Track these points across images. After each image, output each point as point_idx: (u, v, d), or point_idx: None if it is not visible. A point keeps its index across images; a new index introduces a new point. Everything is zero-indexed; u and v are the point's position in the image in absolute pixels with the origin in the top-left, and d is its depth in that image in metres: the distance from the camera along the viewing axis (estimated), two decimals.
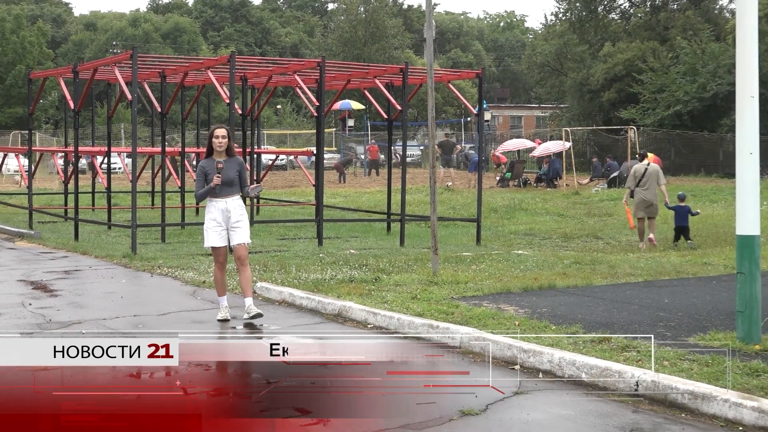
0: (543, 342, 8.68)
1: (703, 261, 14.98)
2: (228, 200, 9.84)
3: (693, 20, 56.61)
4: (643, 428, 6.61)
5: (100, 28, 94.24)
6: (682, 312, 10.35)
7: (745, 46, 8.77)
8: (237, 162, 10.01)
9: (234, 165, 9.91)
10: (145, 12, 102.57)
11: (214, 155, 9.89)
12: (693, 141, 48.73)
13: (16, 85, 64.89)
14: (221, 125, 10.36)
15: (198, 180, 9.95)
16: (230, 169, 9.82)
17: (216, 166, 9.70)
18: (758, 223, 8.77)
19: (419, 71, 21.48)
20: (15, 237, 19.97)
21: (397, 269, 13.56)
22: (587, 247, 18.27)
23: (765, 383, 7.22)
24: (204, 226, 9.99)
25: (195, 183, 10.20)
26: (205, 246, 10.10)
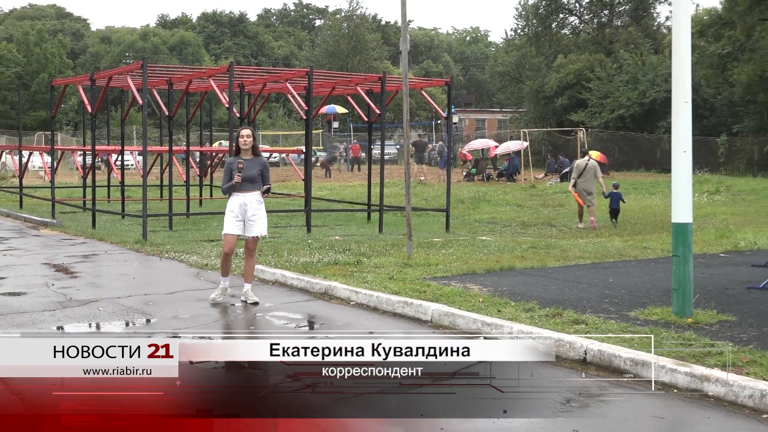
0: (504, 316, 8.72)
1: (643, 245, 15.07)
2: (247, 195, 9.71)
3: (634, 35, 56.83)
4: (591, 391, 6.65)
5: (115, 41, 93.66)
6: (625, 290, 10.41)
7: (679, 57, 8.83)
8: (260, 162, 9.87)
9: (257, 164, 9.78)
10: (154, 27, 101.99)
11: (241, 153, 9.78)
12: (634, 141, 48.97)
13: (39, 92, 64.47)
14: (247, 126, 10.33)
15: (225, 175, 9.87)
16: (252, 167, 9.69)
17: (237, 165, 9.63)
18: (691, 213, 8.85)
19: (395, 79, 21.46)
20: (39, 225, 19.89)
21: (376, 253, 13.57)
22: (542, 233, 18.34)
23: (696, 351, 7.27)
24: (225, 215, 9.89)
25: (222, 176, 10.13)
26: (223, 233, 10.00)
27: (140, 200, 17.32)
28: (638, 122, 50.06)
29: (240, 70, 21.23)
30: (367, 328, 8.87)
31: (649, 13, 61.14)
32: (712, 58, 48.08)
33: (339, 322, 9.18)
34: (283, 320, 9.30)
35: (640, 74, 50.76)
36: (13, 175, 32.82)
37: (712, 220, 20.70)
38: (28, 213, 22.20)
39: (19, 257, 14.33)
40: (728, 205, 25.67)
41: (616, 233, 18.04)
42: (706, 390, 6.51)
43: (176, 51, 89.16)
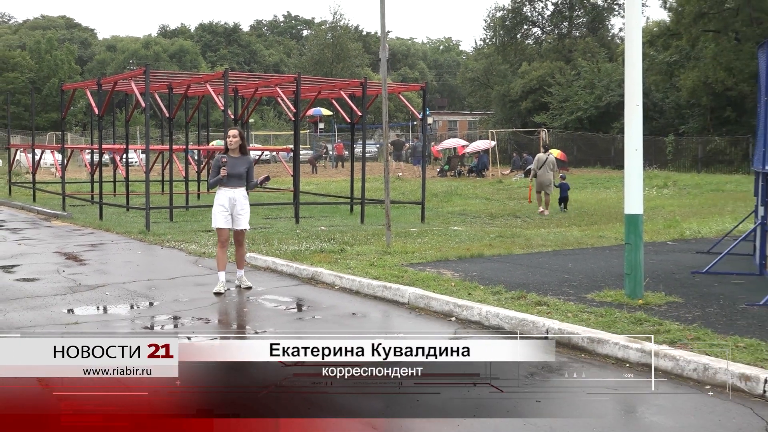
0: (473, 299, 8.74)
1: (599, 234, 15.13)
2: (235, 190, 9.64)
3: (591, 45, 57.09)
4: (551, 366, 6.68)
5: (119, 49, 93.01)
6: (583, 274, 10.46)
7: (631, 65, 8.86)
8: (247, 160, 9.80)
9: (244, 162, 9.71)
10: (156, 36, 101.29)
11: (229, 152, 9.70)
12: (591, 140, 49.20)
13: (51, 95, 64.07)
14: (235, 127, 10.24)
15: (213, 171, 9.77)
16: (239, 165, 9.61)
17: (222, 161, 9.55)
18: (641, 205, 8.89)
19: (375, 85, 21.45)
20: (51, 217, 19.78)
21: (358, 242, 13.57)
22: (508, 224, 18.38)
23: (646, 329, 7.33)
24: (213, 209, 9.81)
25: (210, 172, 10.04)
26: (213, 226, 9.92)
27: (143, 194, 17.22)
28: (594, 123, 50.35)
29: (234, 75, 21.15)
30: (350, 310, 8.87)
31: (604, 24, 61.39)
32: (660, 66, 48.36)
33: (325, 304, 9.17)
34: (274, 303, 9.29)
35: (596, 80, 51.08)
36: (27, 172, 32.65)
37: (661, 211, 20.82)
38: (41, 206, 22.06)
39: (32, 246, 14.24)
40: (675, 198, 25.83)
41: (574, 223, 18.10)
42: (656, 364, 6.55)
43: (176, 58, 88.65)
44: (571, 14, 60.36)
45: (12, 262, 12.31)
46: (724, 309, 8.34)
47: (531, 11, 61.58)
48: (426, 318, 8.43)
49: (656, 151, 45.51)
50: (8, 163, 31.87)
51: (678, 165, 44.92)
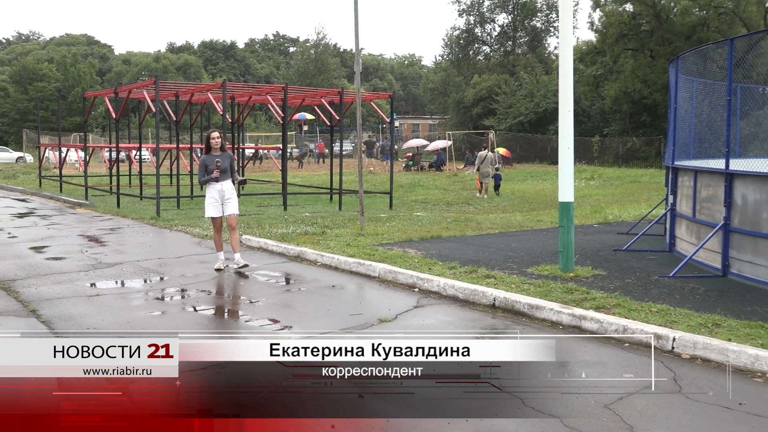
0: (433, 273, 8.77)
1: (538, 219, 15.23)
2: (223, 183, 9.56)
3: (531, 61, 57.21)
4: (497, 327, 6.73)
5: (133, 62, 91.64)
6: (524, 252, 10.52)
7: (564, 77, 8.89)
8: (228, 156, 9.71)
9: (226, 158, 9.63)
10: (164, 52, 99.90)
11: (212, 151, 9.61)
12: (531, 140, 49.40)
13: (75, 102, 63.01)
14: (215, 129, 10.11)
15: (200, 169, 9.62)
16: (224, 160, 9.54)
17: (215, 163, 9.42)
18: (572, 194, 8.95)
19: (351, 93, 21.32)
20: (75, 205, 19.52)
21: (337, 226, 13.54)
22: (462, 210, 18.43)
23: (576, 297, 7.39)
24: (205, 201, 9.72)
25: (198, 170, 9.94)
26: (205, 216, 9.79)
27: (154, 186, 17.05)
28: (534, 126, 50.55)
29: (231, 85, 20.91)
30: (330, 282, 8.86)
31: (542, 43, 61.41)
32: (588, 78, 48.63)
33: (308, 278, 9.15)
34: (265, 277, 9.25)
35: (535, 90, 51.23)
36: (54, 167, 32.19)
37: (588, 199, 20.99)
38: (67, 196, 21.76)
39: (59, 230, 14.04)
40: (600, 189, 26.04)
41: (517, 209, 18.19)
42: (584, 327, 6.62)
43: (181, 71, 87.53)
44: (514, 35, 60.39)
45: (42, 243, 12.14)
46: (641, 280, 8.44)
47: (481, 32, 61.50)
48: (393, 289, 8.45)
49: (585, 150, 45.85)
50: (38, 159, 31.40)
51: (602, 161, 45.29)
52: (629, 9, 46.36)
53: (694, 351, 5.82)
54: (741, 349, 5.61)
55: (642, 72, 44.43)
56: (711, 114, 10.62)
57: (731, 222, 8.74)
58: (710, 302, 7.28)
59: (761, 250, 8.21)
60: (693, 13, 44.88)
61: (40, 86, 66.87)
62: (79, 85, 66.50)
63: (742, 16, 43.99)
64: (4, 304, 7.60)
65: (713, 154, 10.24)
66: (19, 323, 6.80)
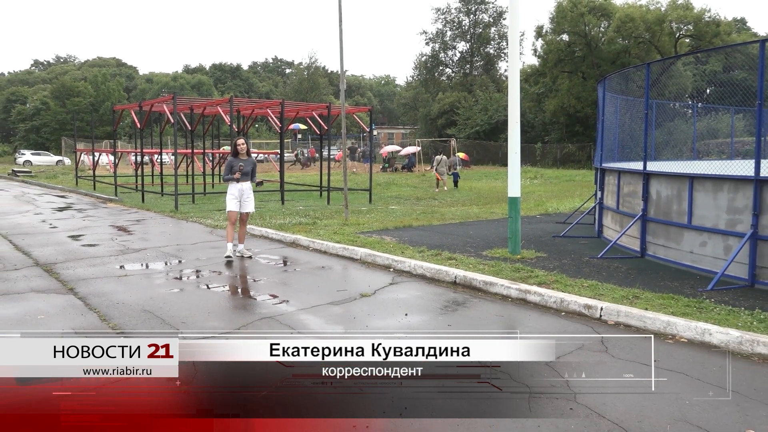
0: (405, 256, 8.77)
1: (491, 211, 15.28)
2: (243, 184, 9.36)
3: (486, 81, 57.32)
4: (458, 301, 6.75)
5: (155, 81, 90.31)
6: (480, 238, 10.55)
7: (513, 95, 8.92)
8: (251, 161, 9.48)
9: (249, 163, 9.41)
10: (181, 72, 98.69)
11: (239, 155, 9.37)
12: (485, 146, 49.58)
13: (105, 114, 62.04)
14: (242, 136, 9.88)
15: (226, 169, 9.41)
16: (247, 165, 9.33)
17: (239, 166, 9.22)
18: (519, 190, 8.99)
19: (337, 107, 21.25)
20: (107, 201, 19.25)
21: (326, 217, 13.50)
22: (429, 204, 18.44)
23: (523, 275, 7.43)
24: (226, 197, 9.45)
25: (224, 169, 9.67)
26: (226, 210, 9.46)
27: (173, 184, 16.87)
28: (488, 135, 50.74)
29: (237, 101, 20.70)
30: (320, 264, 8.83)
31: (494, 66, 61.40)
32: (532, 95, 48.90)
33: (302, 261, 9.11)
34: (266, 260, 9.20)
35: (489, 105, 51.41)
36: (89, 169, 31.76)
37: (532, 195, 21.11)
38: (99, 193, 21.45)
39: (93, 221, 13.84)
40: (542, 186, 26.20)
41: (474, 204, 18.23)
42: (528, 299, 6.67)
43: (195, 88, 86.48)
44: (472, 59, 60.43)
45: (78, 232, 11.96)
46: (575, 261, 8.51)
47: (444, 57, 61.45)
48: (373, 269, 8.44)
49: (529, 154, 46.13)
50: (75, 162, 30.96)
51: (544, 163, 45.60)
52: (565, 38, 46.65)
53: (617, 318, 5.89)
54: (655, 316, 5.68)
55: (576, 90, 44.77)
56: (631, 125, 10.72)
57: (648, 213, 8.84)
58: (631, 278, 7.36)
59: (672, 235, 8.32)
60: (617, 42, 45.24)
61: (76, 101, 65.79)
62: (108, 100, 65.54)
63: (657, 44, 44.43)
64: (47, 283, 7.49)
65: (633, 157, 10.34)
66: (59, 299, 6.71)
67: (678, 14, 44.71)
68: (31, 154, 48.13)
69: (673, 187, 8.34)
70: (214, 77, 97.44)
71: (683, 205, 8.08)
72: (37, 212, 15.87)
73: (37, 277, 7.77)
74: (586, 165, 41.50)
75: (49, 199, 20.06)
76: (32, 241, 10.79)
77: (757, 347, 4.98)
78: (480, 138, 50.47)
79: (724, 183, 7.50)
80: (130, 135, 64.35)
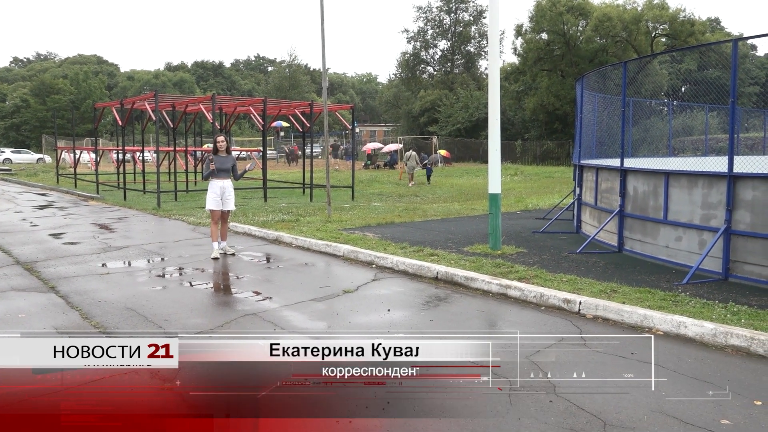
0: (387, 252, 8.77)
1: (472, 207, 15.34)
2: (224, 181, 9.25)
3: (467, 79, 57.47)
4: (440, 296, 6.76)
5: (136, 79, 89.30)
6: (461, 234, 10.59)
7: (493, 93, 8.95)
8: (232, 158, 9.36)
9: (230, 159, 9.29)
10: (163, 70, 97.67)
11: (219, 153, 9.26)
12: (466, 143, 49.73)
13: (86, 112, 61.19)
14: (221, 134, 9.81)
15: (205, 166, 9.34)
16: (226, 162, 9.20)
17: (209, 159, 9.20)
18: (500, 187, 9.03)
19: (319, 105, 21.13)
20: (88, 199, 19.00)
21: (308, 214, 13.46)
22: (411, 201, 18.46)
23: (503, 270, 7.47)
24: (207, 196, 9.35)
25: (203, 167, 9.61)
26: (206, 209, 9.46)
27: (155, 182, 16.70)
28: (469, 132, 50.90)
29: (219, 98, 20.56)
30: (303, 261, 8.80)
31: (475, 65, 61.63)
32: (512, 93, 49.16)
33: (285, 257, 9.08)
34: (249, 257, 9.15)
35: (470, 103, 51.53)
36: (69, 166, 31.35)
37: (513, 191, 21.23)
38: (80, 190, 21.16)
39: (74, 219, 13.66)
40: (522, 183, 26.36)
41: (455, 200, 18.29)
42: (509, 294, 6.70)
43: (177, 86, 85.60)
44: (453, 58, 60.56)
45: (60, 230, 11.80)
46: (554, 256, 8.58)
47: (426, 55, 61.52)
48: (355, 266, 8.43)
49: (509, 151, 46.36)
50: (56, 160, 30.52)
51: (524, 160, 45.88)
52: (545, 37, 46.93)
53: (596, 312, 5.95)
54: (633, 309, 5.74)
55: (555, 88, 45.10)
56: (609, 122, 10.81)
57: (625, 209, 8.93)
58: (609, 273, 7.43)
59: (648, 230, 8.42)
60: (595, 41, 45.62)
61: (56, 98, 64.84)
62: (90, 98, 64.70)
63: (633, 44, 44.88)
64: (27, 282, 7.38)
65: (611, 154, 10.44)
66: (40, 298, 6.61)
67: (654, 14, 45.21)
68: (11, 152, 47.35)
69: (650, 183, 8.43)
70: (196, 75, 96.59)
71: (659, 201, 8.18)
72: (18, 210, 15.62)
73: (17, 276, 7.65)
74: (565, 162, 41.84)
75: (30, 197, 19.75)
76: (12, 239, 10.62)
77: (731, 339, 5.06)
78: (461, 135, 50.64)
79: (699, 179, 7.60)
80: (111, 133, 63.60)
